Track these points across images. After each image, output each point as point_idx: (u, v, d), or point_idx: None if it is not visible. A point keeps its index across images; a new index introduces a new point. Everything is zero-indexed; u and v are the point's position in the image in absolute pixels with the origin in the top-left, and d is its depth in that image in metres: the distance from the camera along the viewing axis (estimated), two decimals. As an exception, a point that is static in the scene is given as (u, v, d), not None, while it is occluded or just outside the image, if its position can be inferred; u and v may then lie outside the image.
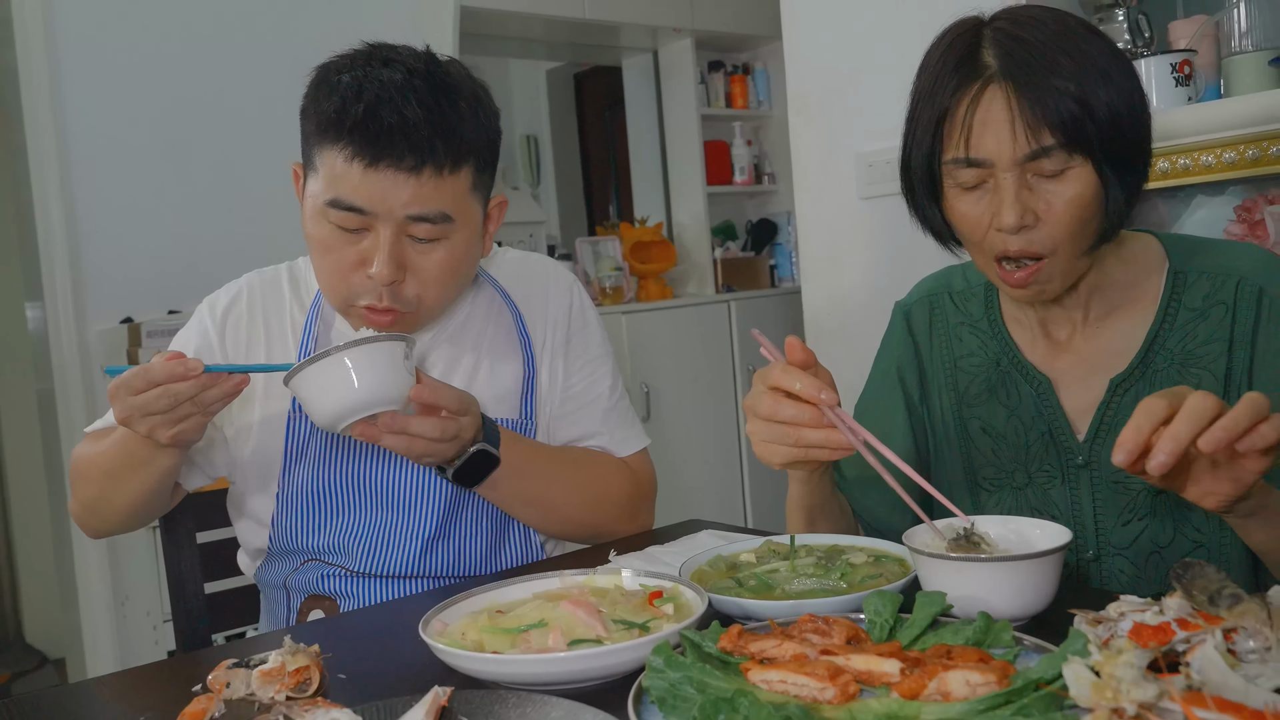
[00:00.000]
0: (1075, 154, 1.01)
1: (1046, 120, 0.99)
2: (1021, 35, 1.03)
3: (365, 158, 1.16)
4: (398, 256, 1.20)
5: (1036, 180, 1.03)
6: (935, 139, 1.06)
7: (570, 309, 1.45)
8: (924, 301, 1.29)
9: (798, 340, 0.98)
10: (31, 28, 3.02)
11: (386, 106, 1.16)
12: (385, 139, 1.15)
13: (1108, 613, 0.76)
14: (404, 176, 1.17)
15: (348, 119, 1.16)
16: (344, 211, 1.18)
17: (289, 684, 0.81)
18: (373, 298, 1.21)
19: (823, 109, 2.46)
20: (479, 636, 0.86)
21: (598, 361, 1.45)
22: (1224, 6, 2.01)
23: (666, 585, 0.94)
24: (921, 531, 0.95)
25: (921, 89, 1.08)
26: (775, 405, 0.96)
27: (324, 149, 1.19)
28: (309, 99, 1.22)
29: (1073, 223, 1.03)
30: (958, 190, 1.07)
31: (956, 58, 1.05)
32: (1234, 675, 0.62)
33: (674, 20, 4.34)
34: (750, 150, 4.74)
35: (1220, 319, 1.09)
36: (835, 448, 0.95)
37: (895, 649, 0.76)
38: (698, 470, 4.01)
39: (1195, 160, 1.84)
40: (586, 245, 4.21)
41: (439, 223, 1.20)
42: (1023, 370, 1.18)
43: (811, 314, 2.52)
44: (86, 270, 3.12)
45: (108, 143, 3.14)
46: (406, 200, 1.17)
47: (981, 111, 1.02)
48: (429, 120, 1.17)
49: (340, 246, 1.21)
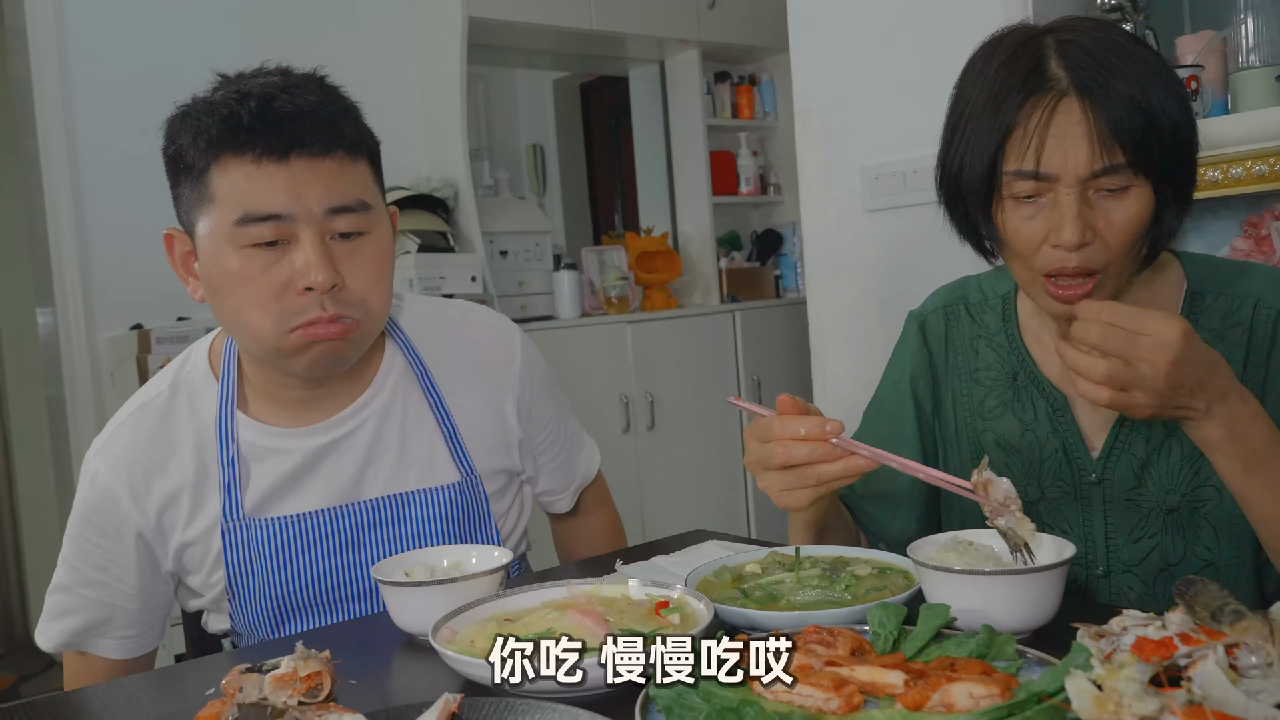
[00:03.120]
0: (1139, 173, 1.00)
1: (1118, 138, 0.99)
2: (1090, 47, 1.01)
3: (275, 153, 1.09)
4: (329, 258, 1.12)
5: (1097, 197, 1.02)
6: (999, 150, 1.03)
7: (520, 369, 1.38)
8: (939, 312, 1.29)
9: (788, 397, 0.99)
10: (44, 38, 3.05)
11: (278, 100, 1.10)
12: (290, 128, 1.09)
13: (1110, 627, 0.76)
14: (317, 164, 1.11)
15: (244, 121, 1.09)
16: (259, 224, 1.09)
17: (301, 689, 0.82)
18: (315, 310, 1.12)
19: (828, 121, 2.47)
20: (488, 644, 0.87)
21: (555, 403, 1.43)
22: (1231, 22, 2.01)
23: (673, 595, 0.95)
24: (926, 544, 0.96)
25: (976, 99, 1.05)
26: (788, 452, 0.96)
27: (221, 166, 1.10)
28: (175, 135, 1.15)
29: (1128, 241, 1.02)
30: (1014, 202, 1.05)
31: (1025, 70, 1.02)
32: (1235, 690, 0.62)
33: (681, 31, 4.36)
34: (756, 161, 4.75)
35: (1236, 341, 1.09)
36: (856, 472, 0.96)
37: (899, 660, 0.77)
38: (701, 480, 4.01)
39: (1202, 176, 1.84)
40: (592, 255, 4.22)
41: (360, 211, 1.14)
42: (1039, 386, 1.18)
43: (816, 325, 2.53)
44: (96, 277, 3.14)
45: (118, 151, 3.16)
46: (323, 192, 1.11)
47: (1056, 125, 1.00)
48: (325, 105, 1.13)
49: (257, 274, 1.11)
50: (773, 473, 0.99)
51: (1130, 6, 2.02)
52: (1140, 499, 1.12)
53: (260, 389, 1.24)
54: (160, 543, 1.23)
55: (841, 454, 0.96)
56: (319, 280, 1.10)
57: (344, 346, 1.16)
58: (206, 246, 1.13)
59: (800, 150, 2.54)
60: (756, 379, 4.23)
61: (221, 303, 1.15)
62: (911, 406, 1.27)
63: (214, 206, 1.11)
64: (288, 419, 1.25)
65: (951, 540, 0.96)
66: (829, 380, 2.51)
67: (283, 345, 1.13)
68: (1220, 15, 2.09)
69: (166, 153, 1.17)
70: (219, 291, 1.14)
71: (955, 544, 0.95)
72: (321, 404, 1.25)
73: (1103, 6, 2.06)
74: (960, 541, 0.96)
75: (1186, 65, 1.94)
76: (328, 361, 1.17)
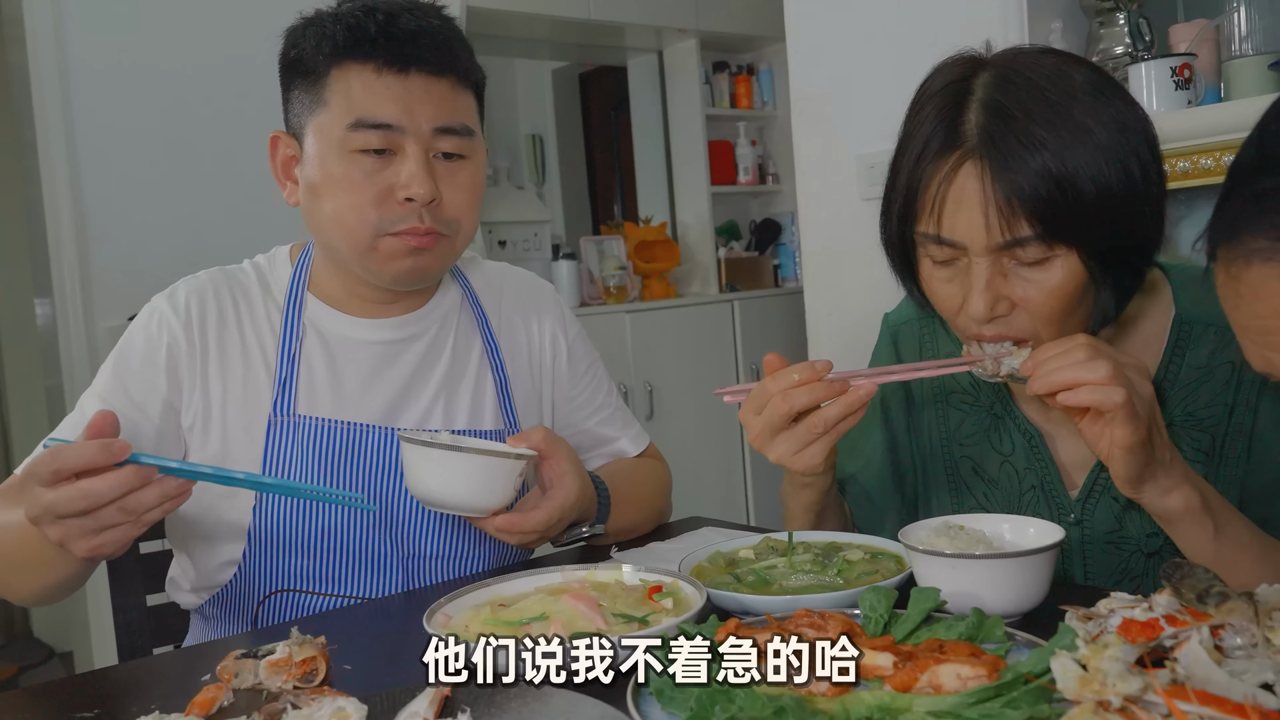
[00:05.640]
0: (1057, 244, 0.92)
1: (1023, 208, 0.90)
2: (1006, 104, 0.92)
3: (396, 65, 1.14)
4: (431, 174, 1.17)
5: (1014, 266, 0.94)
6: (908, 207, 0.98)
7: (565, 327, 1.43)
8: (913, 325, 1.23)
9: (774, 355, 0.98)
10: (41, 26, 3.04)
11: (403, 17, 1.16)
12: (412, 45, 1.15)
13: (1098, 609, 0.77)
14: (432, 83, 1.16)
15: (370, 30, 1.15)
16: (370, 131, 1.14)
17: (296, 674, 0.83)
18: (413, 220, 1.16)
19: (825, 110, 2.47)
20: (482, 629, 0.88)
21: (595, 368, 1.46)
22: (1224, 10, 2.02)
23: (666, 580, 0.96)
24: (917, 529, 0.97)
25: (903, 138, 1.00)
26: (788, 401, 0.95)
27: (342, 71, 1.16)
28: (297, 40, 1.20)
29: (1054, 312, 0.95)
30: (930, 263, 0.99)
31: (938, 114, 0.95)
32: (1218, 670, 0.63)
33: (679, 21, 4.35)
34: (754, 150, 4.75)
35: (1225, 380, 1.02)
36: (858, 404, 0.95)
37: (889, 643, 0.77)
38: (701, 469, 4.02)
39: (1195, 164, 1.85)
40: (591, 244, 4.23)
41: (464, 135, 1.19)
42: (1015, 420, 1.13)
43: (813, 314, 2.54)
44: (95, 267, 3.14)
45: (116, 141, 3.16)
46: (434, 110, 1.16)
47: (955, 190, 0.93)
48: (444, 29, 1.19)
49: (360, 180, 1.15)
50: (781, 437, 0.97)
51: (1125, -3, 2.02)
52: (1121, 541, 1.07)
53: (331, 291, 1.27)
54: (189, 394, 1.22)
55: (840, 388, 0.95)
56: (420, 192, 1.14)
57: (432, 259, 1.20)
58: (313, 149, 1.18)
59: (797, 139, 2.55)
60: (755, 368, 4.23)
61: (320, 206, 1.18)
62: (878, 418, 1.22)
63: (326, 110, 1.16)
64: (356, 311, 1.28)
65: (943, 525, 0.97)
66: (826, 369, 2.52)
67: (376, 249, 1.18)
68: (1214, 4, 2.10)
69: (287, 56, 1.21)
70: (320, 194, 1.18)
71: (946, 528, 0.96)
72: (389, 309, 1.29)
73: (1098, -2, 2.06)
74: (951, 526, 0.97)
75: (1180, 54, 1.94)
76: (413, 273, 1.21)
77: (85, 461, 0.87)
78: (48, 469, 0.87)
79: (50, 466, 0.87)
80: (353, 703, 0.75)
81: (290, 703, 0.76)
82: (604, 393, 1.46)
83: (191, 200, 3.29)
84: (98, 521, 0.88)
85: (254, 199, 3.38)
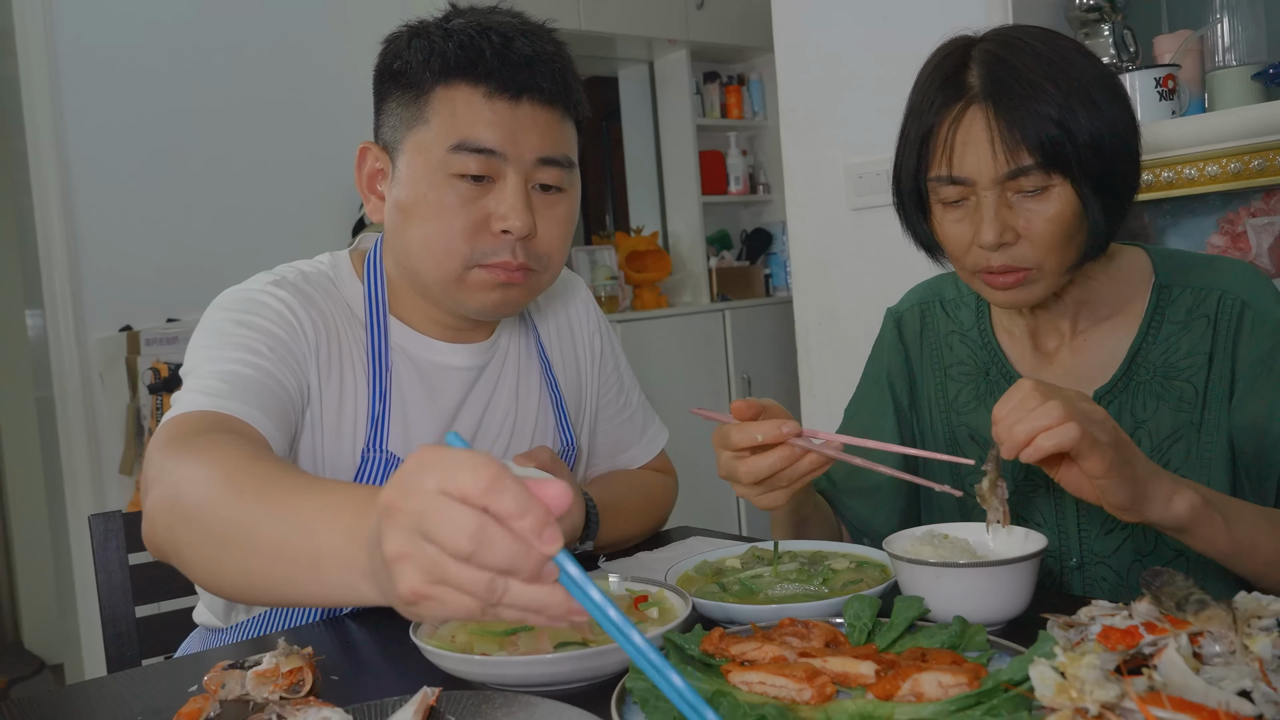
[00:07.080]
0: (1054, 174, 1.03)
1: (1025, 141, 1.02)
2: (1006, 57, 1.05)
3: (509, 91, 1.09)
4: (530, 206, 1.11)
5: (1018, 198, 1.05)
6: (921, 157, 1.09)
7: (598, 324, 1.40)
8: (915, 309, 1.31)
9: (742, 402, 0.99)
10: (32, 37, 3.05)
11: (520, 41, 1.11)
12: (527, 71, 1.10)
13: (1079, 617, 0.78)
14: (540, 112, 1.11)
15: (485, 53, 1.09)
16: (472, 155, 1.08)
17: (283, 685, 0.83)
18: (505, 254, 1.11)
19: (813, 121, 2.49)
20: (468, 639, 0.88)
21: (622, 368, 1.44)
22: (1208, 22, 2.04)
23: (651, 590, 0.97)
24: (901, 538, 0.97)
25: (910, 107, 1.11)
26: (753, 466, 0.97)
27: (450, 90, 1.09)
28: (400, 52, 1.13)
29: (1054, 239, 1.05)
30: (942, 207, 1.10)
31: (943, 77, 1.07)
32: (1195, 677, 0.64)
33: (669, 31, 4.37)
34: (745, 160, 4.77)
35: (1202, 332, 1.11)
36: (824, 464, 0.97)
37: (871, 651, 0.78)
38: (692, 479, 3.99)
39: (1179, 173, 1.86)
40: (583, 254, 4.23)
41: (565, 168, 1.14)
42: (1010, 380, 1.20)
43: (802, 323, 2.55)
44: (86, 278, 3.14)
45: (107, 151, 3.17)
46: (539, 140, 1.11)
47: (963, 131, 1.05)
48: (559, 57, 1.14)
49: (456, 206, 1.09)
50: (747, 487, 1.00)
51: (1109, 7, 2.04)
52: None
53: (411, 314, 1.21)
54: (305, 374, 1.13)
55: (803, 452, 0.96)
56: (518, 225, 1.09)
57: (520, 294, 1.15)
58: (406, 167, 1.12)
59: (786, 149, 2.56)
60: (746, 377, 4.25)
61: (409, 229, 1.12)
62: (890, 402, 1.29)
63: (427, 128, 1.10)
64: (440, 335, 1.22)
65: (927, 534, 0.98)
66: (815, 378, 2.53)
67: (464, 281, 1.12)
68: (1197, 15, 2.12)
69: (388, 67, 1.14)
70: (410, 216, 1.12)
71: (930, 537, 0.97)
72: (472, 335, 1.24)
73: (1081, 7, 2.08)
74: (935, 535, 0.97)
75: (1164, 64, 1.96)
76: (499, 307, 1.15)
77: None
78: (728, 439, 0.97)
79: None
80: (339, 713, 0.75)
81: (277, 713, 0.77)
82: (627, 390, 1.44)
83: (182, 211, 3.30)
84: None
85: (244, 211, 3.39)
